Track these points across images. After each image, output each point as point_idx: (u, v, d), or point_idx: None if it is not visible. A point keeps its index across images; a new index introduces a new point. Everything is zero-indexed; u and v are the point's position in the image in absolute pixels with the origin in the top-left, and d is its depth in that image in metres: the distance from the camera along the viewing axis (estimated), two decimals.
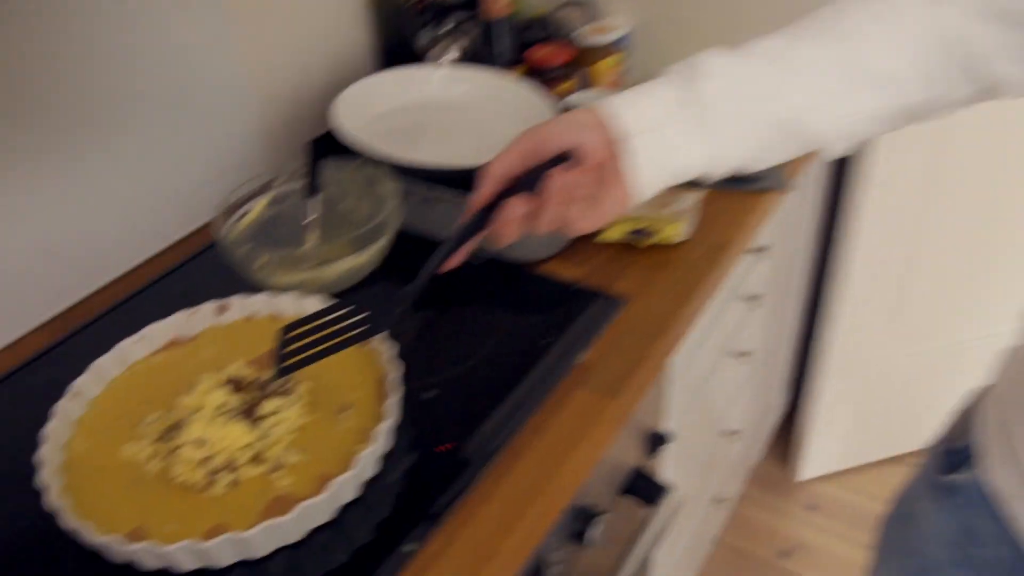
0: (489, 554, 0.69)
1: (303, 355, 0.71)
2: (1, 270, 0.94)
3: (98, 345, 0.86)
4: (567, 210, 0.67)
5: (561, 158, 0.66)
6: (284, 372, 0.71)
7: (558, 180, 0.65)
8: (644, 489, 1.00)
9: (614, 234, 1.03)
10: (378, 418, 0.77)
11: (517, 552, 0.72)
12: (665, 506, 0.99)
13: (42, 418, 0.77)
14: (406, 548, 0.70)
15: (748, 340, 1.42)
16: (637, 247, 1.02)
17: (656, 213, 1.05)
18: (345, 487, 0.71)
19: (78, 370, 0.82)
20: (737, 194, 1.12)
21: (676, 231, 1.01)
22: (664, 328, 0.91)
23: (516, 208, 0.66)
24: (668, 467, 1.19)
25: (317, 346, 0.72)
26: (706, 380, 1.26)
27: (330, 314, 0.72)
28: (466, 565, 0.69)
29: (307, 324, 0.72)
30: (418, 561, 0.69)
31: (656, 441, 1.02)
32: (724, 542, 1.89)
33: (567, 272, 0.99)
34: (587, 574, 0.99)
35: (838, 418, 1.87)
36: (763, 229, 1.17)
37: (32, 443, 0.74)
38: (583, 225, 0.68)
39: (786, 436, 2.06)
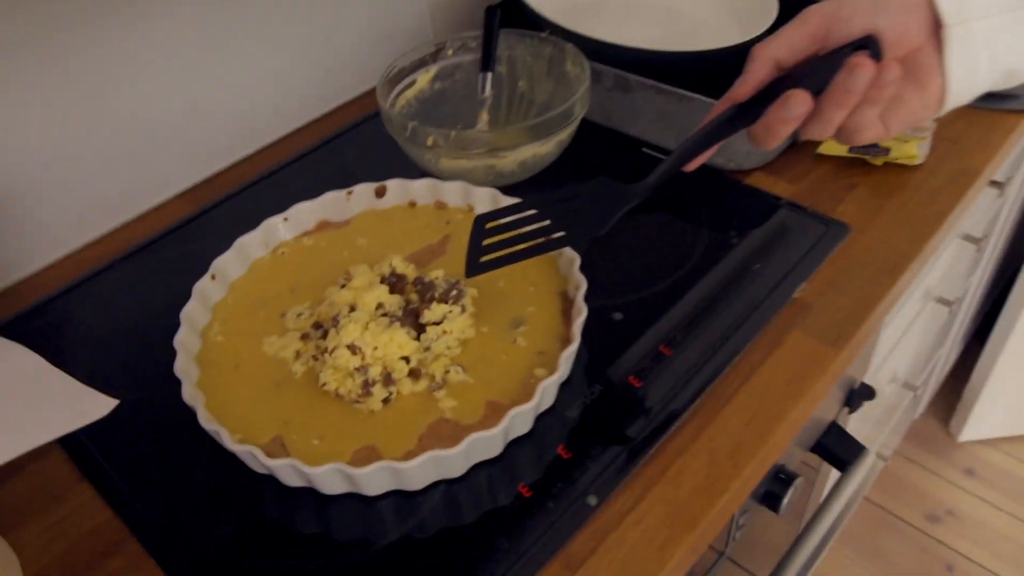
0: (689, 520, 0.57)
1: (499, 253, 0.60)
2: (145, 128, 0.85)
3: (242, 219, 0.77)
4: (860, 113, 0.51)
5: (856, 46, 0.50)
6: (477, 270, 0.60)
7: (864, 74, 0.49)
8: (837, 448, 0.85)
9: (835, 147, 0.86)
10: (556, 338, 0.65)
11: (717, 520, 0.59)
12: (860, 468, 0.85)
13: (181, 293, 0.68)
14: (590, 500, 0.58)
15: (954, 286, 1.23)
16: (870, 163, 0.85)
17: None
18: (520, 419, 0.59)
19: (220, 245, 0.73)
20: (982, 113, 0.93)
21: (915, 151, 0.84)
22: (897, 266, 0.75)
23: (798, 104, 0.51)
24: (848, 422, 1.04)
25: (512, 245, 0.60)
26: (909, 328, 1.09)
27: (530, 208, 0.60)
28: (660, 529, 0.57)
29: (506, 217, 0.61)
30: (602, 517, 0.58)
31: (860, 395, 0.87)
32: (869, 498, 1.74)
33: (778, 187, 0.84)
34: (764, 537, 0.87)
35: (1017, 378, 1.67)
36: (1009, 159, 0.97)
37: (170, 321, 0.65)
38: (873, 133, 0.53)
39: (951, 392, 1.86)
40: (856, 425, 1.10)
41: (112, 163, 0.84)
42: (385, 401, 0.61)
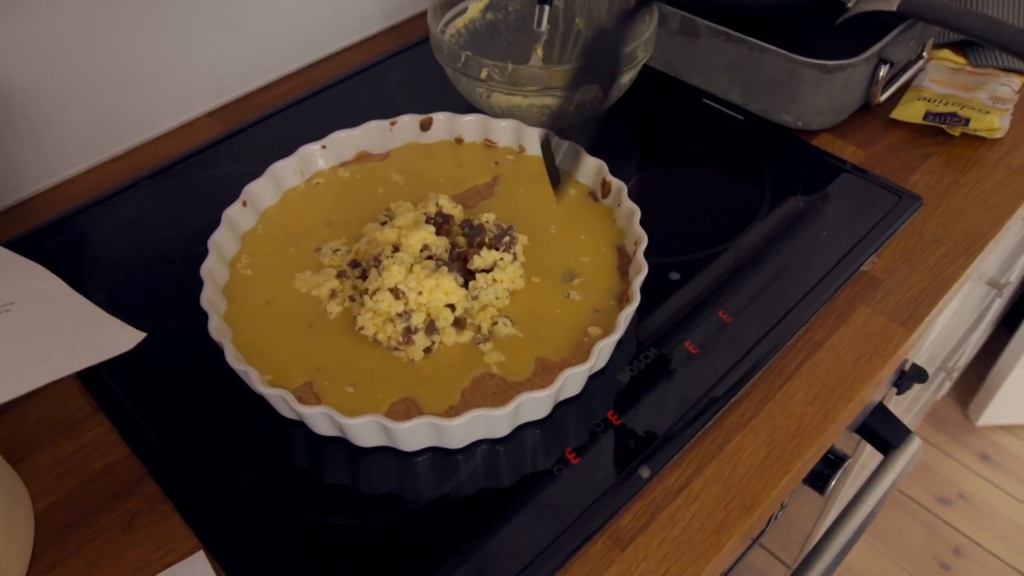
0: (748, 502, 0.53)
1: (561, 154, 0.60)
2: (175, 42, 0.79)
3: (273, 145, 0.73)
4: None
5: None
6: (562, 183, 0.61)
7: None
8: (883, 431, 0.81)
9: (910, 113, 0.81)
10: (611, 295, 0.61)
11: (774, 503, 0.55)
12: (904, 453, 0.81)
13: (206, 218, 0.64)
14: (642, 472, 0.54)
15: (1003, 268, 1.18)
16: (947, 132, 0.80)
17: (968, 96, 0.81)
18: (573, 381, 0.55)
19: (249, 170, 0.68)
20: None
21: (996, 123, 0.78)
22: (973, 246, 0.70)
23: None
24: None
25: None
26: (959, 308, 1.05)
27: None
28: (716, 510, 0.53)
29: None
30: (654, 491, 0.54)
31: (911, 377, 0.83)
32: None
33: (847, 151, 0.78)
34: (788, 519, 0.83)
35: None
36: None
37: (195, 247, 0.61)
38: None
39: (973, 375, 1.82)
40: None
41: (138, 76, 0.78)
42: (427, 351, 0.57)
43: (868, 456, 1.14)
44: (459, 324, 0.58)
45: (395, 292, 0.56)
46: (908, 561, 1.60)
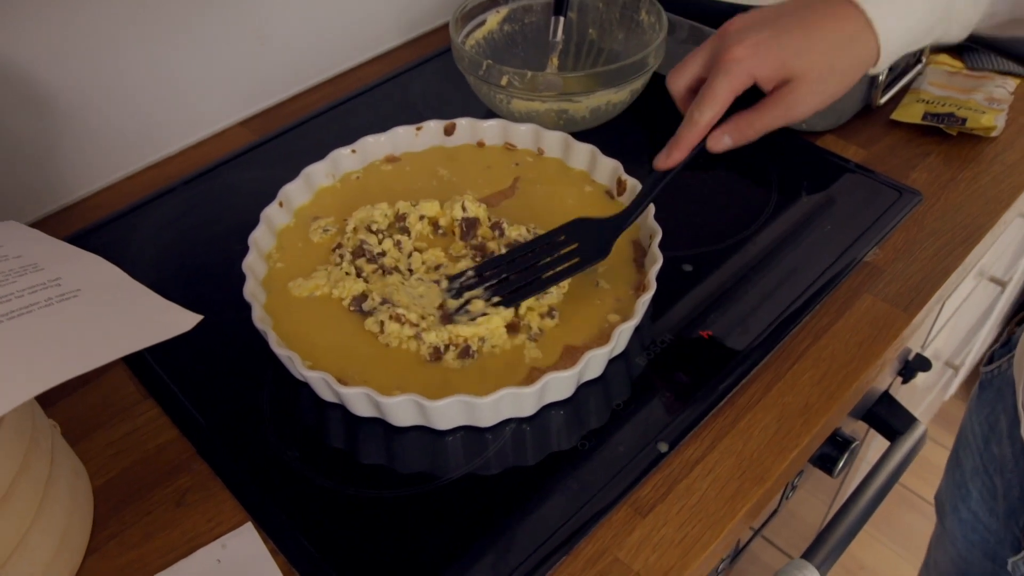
0: (760, 473, 0.57)
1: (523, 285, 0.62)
2: (208, 54, 0.84)
3: (305, 151, 0.76)
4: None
5: None
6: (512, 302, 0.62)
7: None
8: (889, 418, 0.85)
9: (910, 114, 0.84)
10: (629, 285, 0.65)
11: (784, 476, 0.59)
12: (910, 439, 0.85)
13: (240, 220, 0.68)
14: (661, 447, 0.57)
15: (1005, 266, 1.22)
16: (945, 132, 0.83)
17: (965, 97, 0.85)
18: (595, 362, 0.59)
19: (281, 174, 0.72)
20: None
21: (992, 122, 0.82)
22: (970, 238, 0.74)
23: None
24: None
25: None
26: (961, 304, 1.08)
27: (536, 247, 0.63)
28: (730, 480, 0.56)
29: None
30: (672, 464, 0.57)
31: (915, 366, 0.87)
32: None
33: (850, 151, 0.82)
34: (793, 514, 0.86)
35: None
36: None
37: (229, 246, 0.65)
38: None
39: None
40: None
41: (173, 87, 0.83)
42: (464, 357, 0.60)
43: (875, 454, 1.17)
44: (512, 328, 0.61)
45: (397, 318, 0.60)
46: (921, 559, 1.62)
